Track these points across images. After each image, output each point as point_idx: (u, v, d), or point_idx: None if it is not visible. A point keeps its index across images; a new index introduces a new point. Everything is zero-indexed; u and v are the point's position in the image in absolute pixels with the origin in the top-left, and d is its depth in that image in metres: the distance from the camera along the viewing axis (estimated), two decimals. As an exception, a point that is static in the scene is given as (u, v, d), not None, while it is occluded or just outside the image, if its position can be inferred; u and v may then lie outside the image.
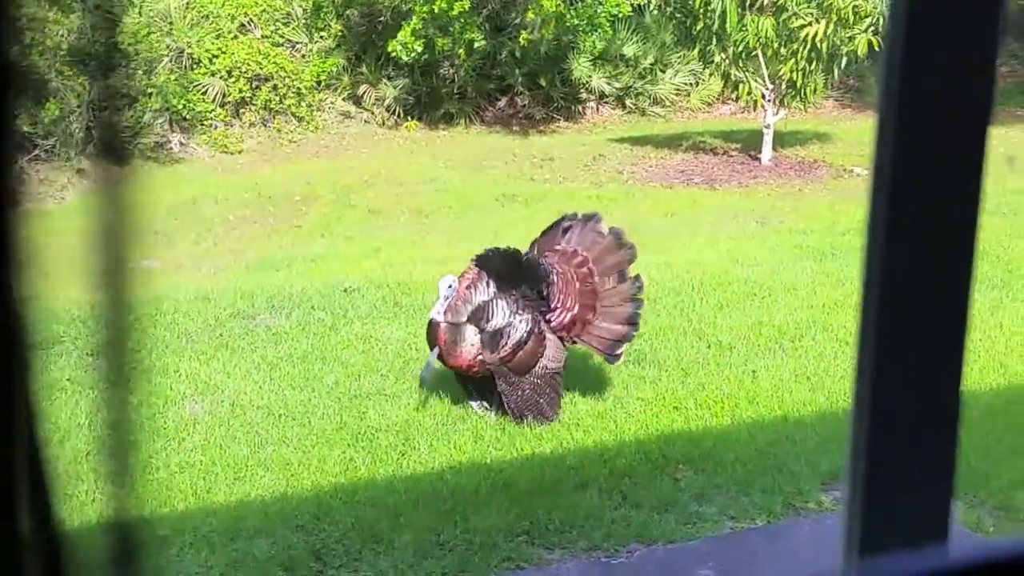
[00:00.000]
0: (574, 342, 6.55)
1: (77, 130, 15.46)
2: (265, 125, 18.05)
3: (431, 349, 6.34)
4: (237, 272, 10.75)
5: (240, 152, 17.38)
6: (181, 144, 17.16)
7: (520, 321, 6.31)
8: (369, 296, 8.85)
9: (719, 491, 5.63)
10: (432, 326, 6.30)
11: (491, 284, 6.32)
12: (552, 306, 6.46)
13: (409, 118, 18.86)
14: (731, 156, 15.81)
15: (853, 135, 16.81)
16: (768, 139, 15.15)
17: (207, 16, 18.12)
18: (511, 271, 6.41)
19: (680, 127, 18.46)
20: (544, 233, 6.83)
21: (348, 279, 9.41)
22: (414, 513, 5.37)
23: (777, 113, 15.09)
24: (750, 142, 16.00)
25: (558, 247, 6.65)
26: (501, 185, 14.38)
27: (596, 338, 6.54)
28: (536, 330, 6.35)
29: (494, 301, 6.30)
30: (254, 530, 5.24)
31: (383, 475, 5.77)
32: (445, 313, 6.23)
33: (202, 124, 17.44)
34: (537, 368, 6.37)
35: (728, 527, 5.34)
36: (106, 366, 0.77)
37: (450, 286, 6.27)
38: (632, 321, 6.54)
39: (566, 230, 6.73)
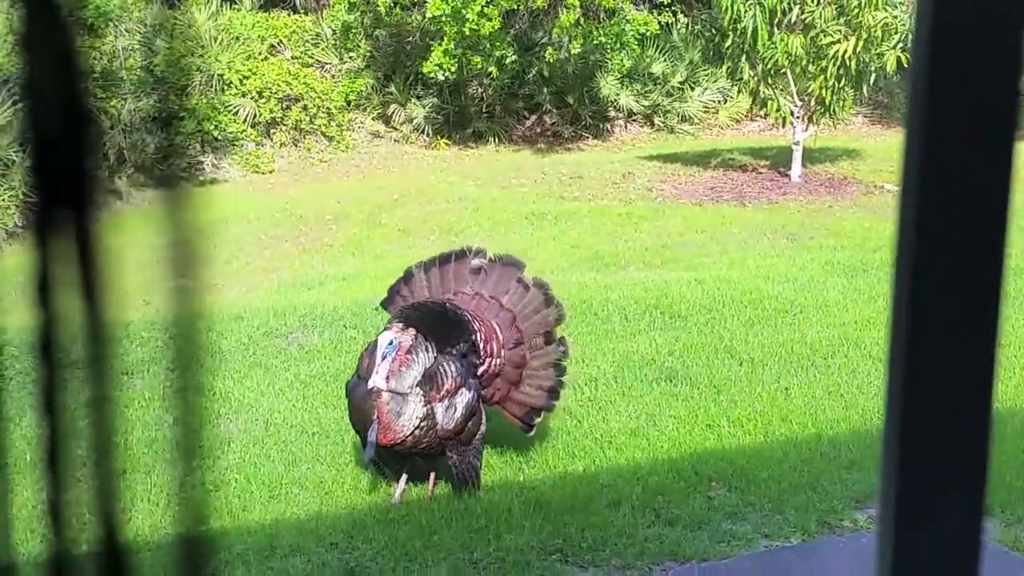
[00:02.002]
0: (488, 403, 5.91)
1: (110, 151, 15.61)
2: (295, 145, 18.17)
3: (361, 424, 5.49)
4: (269, 291, 10.82)
5: (271, 172, 17.50)
6: (213, 165, 17.30)
7: (468, 387, 5.63)
8: (400, 315, 8.87)
9: (753, 509, 5.62)
10: (371, 395, 5.36)
11: (430, 344, 5.53)
12: (480, 362, 5.78)
13: (438, 137, 18.94)
14: (760, 173, 15.79)
15: (883, 151, 16.76)
16: (797, 156, 15.12)
17: (238, 38, 18.28)
18: (439, 325, 5.65)
19: (709, 144, 18.45)
20: (440, 266, 6.07)
21: (379, 297, 9.43)
22: (447, 531, 5.38)
23: (806, 130, 15.06)
24: (779, 159, 15.97)
25: (468, 291, 5.97)
26: (530, 203, 14.41)
27: (514, 404, 5.95)
28: (479, 395, 5.73)
29: (441, 365, 5.53)
30: (289, 548, 5.27)
31: (416, 493, 5.78)
32: (388, 380, 5.36)
33: (234, 145, 17.58)
34: (478, 434, 5.76)
35: (762, 545, 5.32)
36: (175, 383, 0.79)
37: (391, 343, 5.35)
38: (553, 392, 5.97)
39: (476, 271, 6.03)
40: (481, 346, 5.76)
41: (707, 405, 6.92)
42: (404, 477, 5.71)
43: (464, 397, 5.59)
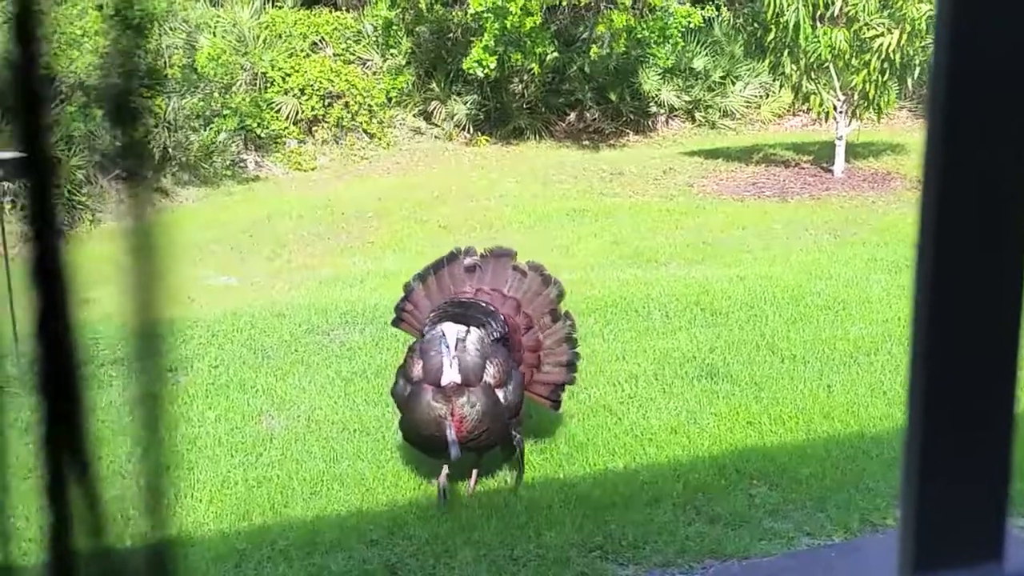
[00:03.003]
0: None
1: (155, 149, 15.75)
2: (337, 142, 18.25)
3: (427, 427, 5.37)
4: (311, 288, 10.88)
5: (313, 169, 17.59)
6: (256, 163, 17.41)
7: (515, 367, 5.71)
8: (441, 311, 8.90)
9: (794, 507, 5.59)
10: (445, 392, 5.33)
11: (481, 334, 5.56)
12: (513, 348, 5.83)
13: (479, 134, 18.96)
14: (803, 168, 15.68)
15: (928, 146, 16.58)
16: (840, 151, 15.00)
17: (280, 36, 18.37)
18: (477, 317, 5.71)
19: (751, 140, 18.35)
20: (435, 272, 6.06)
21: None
22: (487, 528, 5.40)
23: (849, 124, 14.95)
24: (822, 154, 15.86)
25: (468, 289, 5.96)
26: (571, 200, 14.40)
27: (539, 385, 5.97)
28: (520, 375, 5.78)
29: (495, 353, 5.57)
30: (330, 544, 5.31)
31: (457, 490, 5.80)
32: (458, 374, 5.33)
33: (276, 142, 17.68)
34: (521, 412, 5.79)
35: (804, 543, 5.30)
36: (137, 384, 0.80)
37: (457, 338, 5.33)
38: (571, 366, 5.99)
39: (471, 269, 6.02)
40: (510, 334, 5.83)
41: (748, 402, 6.89)
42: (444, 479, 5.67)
43: (516, 377, 5.67)
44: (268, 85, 17.94)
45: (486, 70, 17.26)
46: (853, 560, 5.18)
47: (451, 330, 5.31)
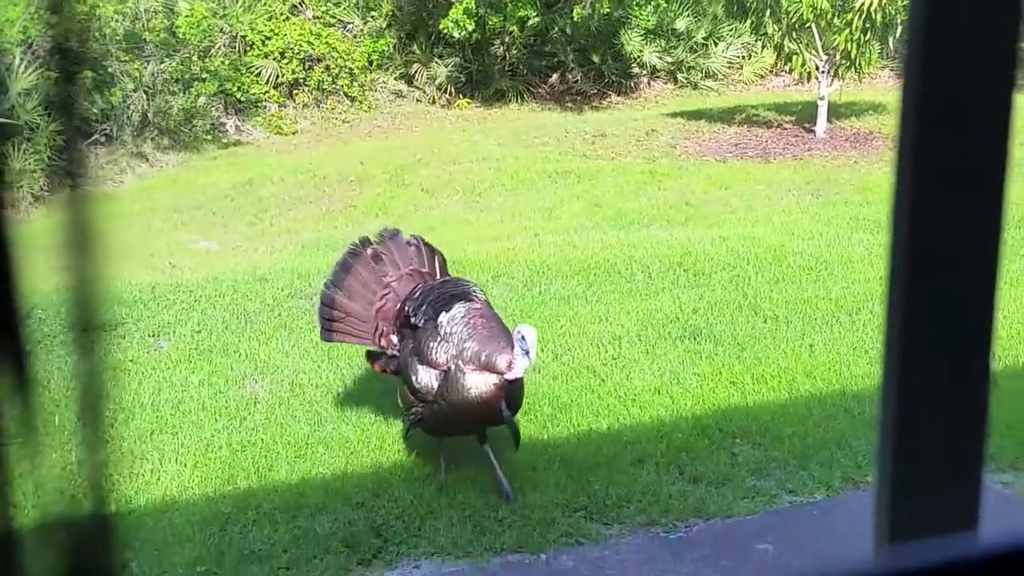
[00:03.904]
0: None
1: (134, 114, 15.64)
2: (318, 106, 18.16)
3: (487, 404, 5.23)
4: (294, 252, 10.85)
5: (294, 133, 17.51)
6: (237, 127, 17.31)
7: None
8: (424, 275, 8.88)
9: (777, 465, 5.63)
10: (512, 383, 5.24)
11: (487, 308, 5.61)
12: None
13: (461, 96, 18.88)
14: (785, 129, 15.67)
15: (909, 105, 16.58)
16: (822, 111, 15.00)
17: (259, -1, 18.24)
18: (461, 293, 5.64)
19: (733, 100, 18.33)
20: (347, 273, 5.84)
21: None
22: (472, 490, 5.42)
23: (831, 84, 14.93)
24: (804, 114, 15.86)
25: (390, 277, 5.85)
26: (554, 162, 14.37)
27: None
28: None
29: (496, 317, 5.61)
30: (315, 507, 5.32)
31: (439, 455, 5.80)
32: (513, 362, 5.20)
33: (256, 107, 17.58)
34: None
35: (787, 501, 5.34)
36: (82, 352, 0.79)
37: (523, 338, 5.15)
38: None
39: (377, 257, 5.89)
40: None
41: (731, 362, 6.91)
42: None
43: None
44: (248, 49, 17.81)
45: (464, 31, 17.17)
46: (835, 517, 5.22)
47: (531, 333, 5.13)
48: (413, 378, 5.41)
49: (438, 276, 5.93)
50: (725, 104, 17.89)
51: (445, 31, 17.42)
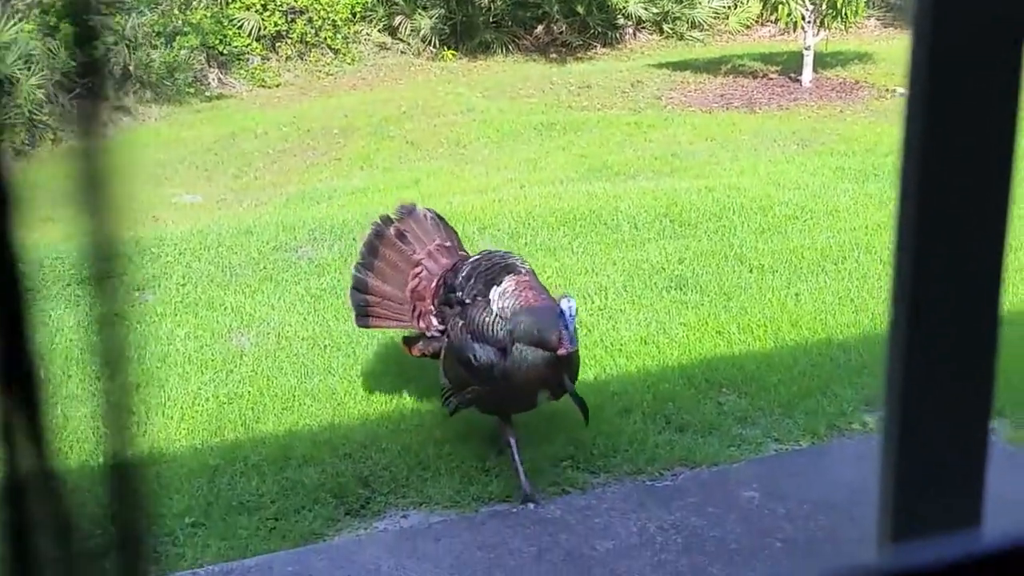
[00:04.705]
0: None
1: (115, 67, 15.50)
2: (302, 58, 18.02)
3: (542, 380, 5.08)
4: (278, 205, 10.81)
5: (278, 86, 17.38)
6: (219, 80, 17.18)
7: None
8: (410, 227, 8.86)
9: (763, 414, 5.66)
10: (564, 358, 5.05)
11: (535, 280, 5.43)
12: None
13: (445, 48, 18.76)
14: (771, 79, 15.62)
15: (895, 55, 16.53)
16: (808, 61, 14.94)
17: (240, -51, 18.04)
18: (509, 266, 5.41)
19: (719, 51, 18.24)
20: (374, 255, 5.71)
21: (388, 211, 9.42)
22: (460, 442, 5.43)
23: (817, 34, 14.87)
24: (790, 64, 15.80)
25: (420, 253, 5.70)
26: (539, 114, 14.31)
27: None
28: None
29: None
30: (303, 459, 5.33)
31: (429, 405, 5.82)
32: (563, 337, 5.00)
33: (239, 59, 17.43)
34: None
35: (772, 449, 5.37)
36: (98, 303, 0.78)
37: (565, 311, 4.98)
38: None
39: (401, 235, 5.75)
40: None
41: (717, 312, 6.92)
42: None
43: None
44: (229, 1, 17.64)
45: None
46: (821, 465, 5.25)
47: (571, 305, 4.95)
48: (471, 357, 5.15)
49: (458, 248, 5.77)
50: (711, 55, 17.80)
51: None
